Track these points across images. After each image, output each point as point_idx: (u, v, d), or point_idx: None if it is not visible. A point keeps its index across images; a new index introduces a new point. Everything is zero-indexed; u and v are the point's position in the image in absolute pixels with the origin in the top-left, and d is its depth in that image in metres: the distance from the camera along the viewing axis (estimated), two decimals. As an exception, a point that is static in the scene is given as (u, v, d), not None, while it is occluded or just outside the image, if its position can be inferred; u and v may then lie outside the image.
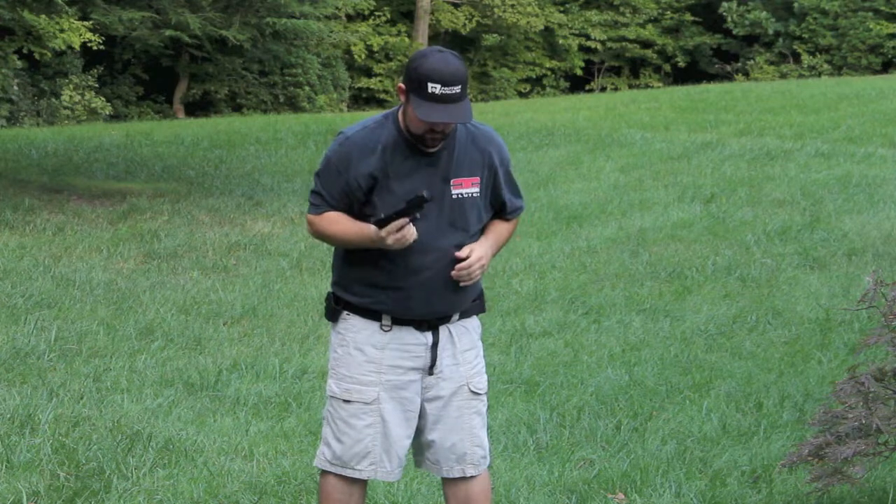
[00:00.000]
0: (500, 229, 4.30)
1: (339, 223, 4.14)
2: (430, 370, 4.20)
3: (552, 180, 14.72)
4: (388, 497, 5.28)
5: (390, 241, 4.01)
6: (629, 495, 5.44)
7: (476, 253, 4.13)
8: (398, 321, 4.17)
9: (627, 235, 11.57)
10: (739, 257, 10.55)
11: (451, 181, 4.13)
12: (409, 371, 4.18)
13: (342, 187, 4.12)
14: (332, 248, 4.33)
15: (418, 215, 4.01)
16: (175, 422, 6.32)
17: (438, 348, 4.19)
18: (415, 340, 4.18)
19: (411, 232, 4.03)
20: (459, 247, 4.15)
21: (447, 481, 4.32)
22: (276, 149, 17.84)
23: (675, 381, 7.18)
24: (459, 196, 4.14)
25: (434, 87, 3.97)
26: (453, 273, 4.11)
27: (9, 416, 6.21)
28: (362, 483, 4.27)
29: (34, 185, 14.01)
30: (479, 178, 4.18)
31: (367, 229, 4.08)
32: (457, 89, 3.98)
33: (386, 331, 4.17)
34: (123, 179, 14.92)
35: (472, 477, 4.28)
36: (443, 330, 4.20)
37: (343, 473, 4.22)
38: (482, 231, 4.26)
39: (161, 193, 13.71)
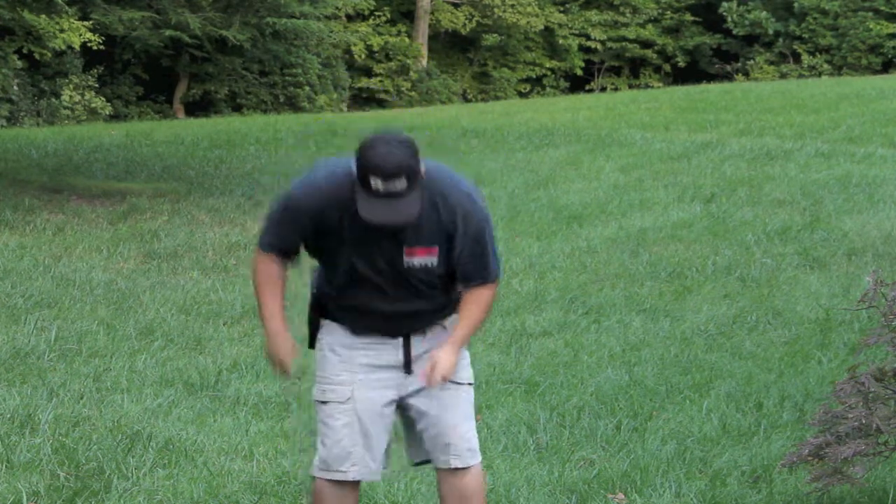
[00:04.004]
0: (469, 310, 4.16)
1: (268, 287, 4.35)
2: (407, 368, 4.20)
3: (552, 180, 14.71)
4: (388, 497, 5.28)
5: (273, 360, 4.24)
6: (629, 495, 5.44)
7: (437, 367, 4.07)
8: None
9: (627, 235, 11.57)
10: (739, 257, 10.55)
11: (405, 249, 4.05)
12: (382, 369, 4.20)
13: (298, 229, 4.15)
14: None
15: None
16: (175, 422, 6.32)
17: (412, 343, 4.19)
18: (386, 342, 4.21)
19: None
20: (410, 311, 4.13)
21: (441, 474, 4.32)
22: (276, 149, 17.83)
23: (675, 381, 7.18)
24: (410, 265, 4.07)
25: (376, 182, 3.83)
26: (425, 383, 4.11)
27: (9, 416, 6.21)
28: (353, 486, 4.28)
29: (34, 185, 13.99)
30: (437, 247, 4.07)
31: (271, 321, 4.27)
32: (401, 185, 3.83)
33: (358, 334, 4.22)
34: (123, 179, 14.91)
35: (464, 470, 4.26)
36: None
37: (331, 477, 4.24)
38: (445, 289, 4.17)
39: (161, 193, 13.70)
